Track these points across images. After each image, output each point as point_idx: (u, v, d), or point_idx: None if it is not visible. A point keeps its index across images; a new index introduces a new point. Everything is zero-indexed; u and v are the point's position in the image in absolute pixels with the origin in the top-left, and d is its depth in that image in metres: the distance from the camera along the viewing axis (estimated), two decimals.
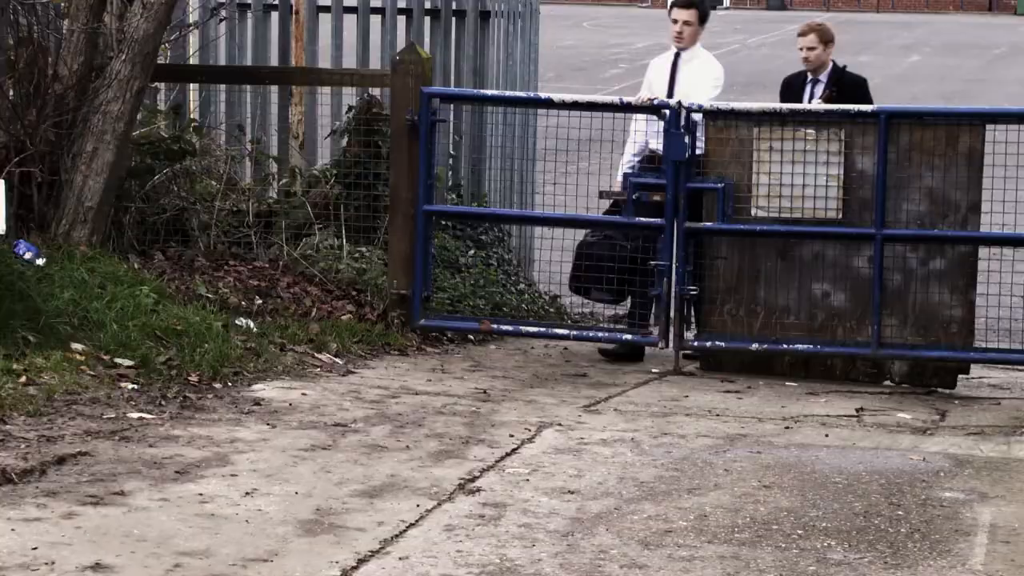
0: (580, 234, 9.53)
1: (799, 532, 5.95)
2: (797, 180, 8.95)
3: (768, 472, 6.76)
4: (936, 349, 8.89)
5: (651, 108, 9.21)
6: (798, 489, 6.52)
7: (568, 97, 9.64)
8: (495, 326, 9.37)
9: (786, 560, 5.64)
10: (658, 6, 53.79)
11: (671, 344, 9.08)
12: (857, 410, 8.20)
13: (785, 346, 8.98)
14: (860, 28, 42.49)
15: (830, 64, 9.98)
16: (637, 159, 9.57)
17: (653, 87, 9.64)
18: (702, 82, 9.56)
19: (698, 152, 9.05)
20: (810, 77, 9.98)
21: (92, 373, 7.56)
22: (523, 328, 9.49)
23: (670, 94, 9.46)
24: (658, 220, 9.04)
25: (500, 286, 10.17)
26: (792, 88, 10.06)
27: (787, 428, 7.68)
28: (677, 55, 9.73)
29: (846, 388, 8.79)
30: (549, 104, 9.61)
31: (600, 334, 9.47)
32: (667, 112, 9.01)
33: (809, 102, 9.67)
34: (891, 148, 8.86)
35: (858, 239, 8.92)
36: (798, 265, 8.99)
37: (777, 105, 9.22)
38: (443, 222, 10.18)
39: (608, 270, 9.31)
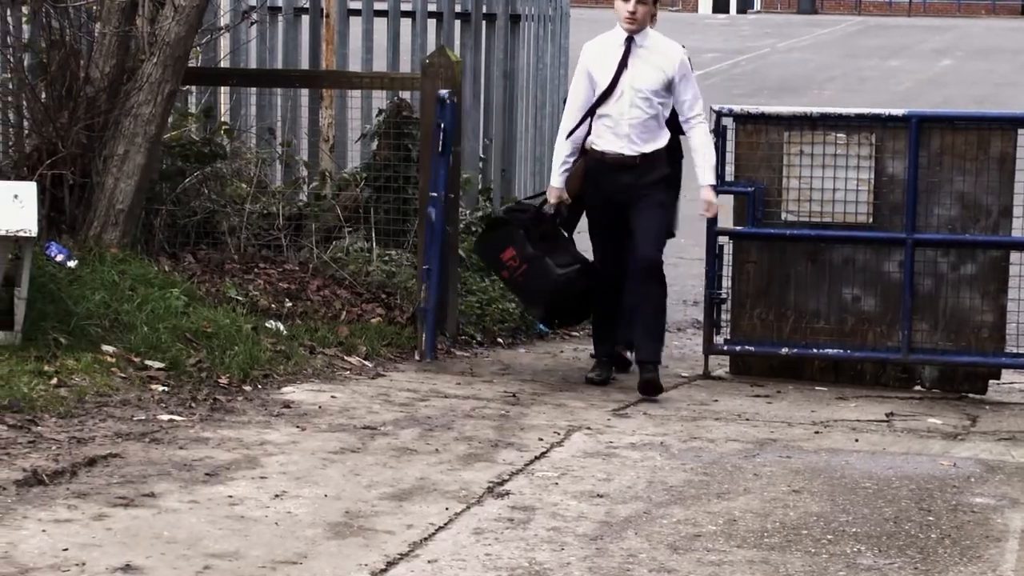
0: None
1: (829, 537, 5.94)
2: (827, 184, 8.93)
3: (798, 477, 6.75)
4: (967, 354, 8.86)
5: None
6: (828, 494, 6.50)
7: None
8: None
9: (816, 565, 5.63)
10: (688, 9, 53.76)
11: (698, 348, 9.06)
12: (887, 415, 8.18)
13: (815, 350, 8.96)
14: (891, 32, 42.38)
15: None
16: (572, 160, 8.57)
17: (595, 78, 8.43)
18: (673, 74, 8.40)
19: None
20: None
21: (123, 375, 7.58)
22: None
23: (613, 86, 8.37)
24: None
25: None
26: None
27: (817, 433, 7.67)
28: (629, 40, 8.45)
29: (876, 393, 8.77)
30: None
31: None
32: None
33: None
34: (922, 152, 8.83)
35: (889, 243, 8.90)
36: (828, 269, 8.98)
37: (808, 109, 9.21)
38: (472, 227, 10.18)
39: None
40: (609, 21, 8.63)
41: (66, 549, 5.43)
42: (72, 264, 8.30)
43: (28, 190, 7.64)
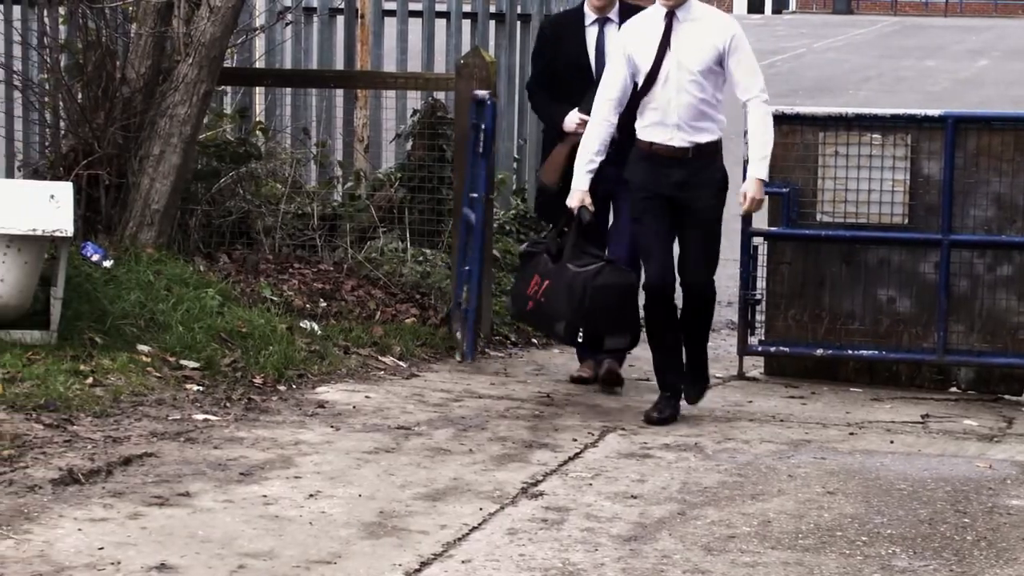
0: None
1: (863, 539, 5.92)
2: (863, 185, 8.91)
3: (832, 478, 6.73)
4: (1003, 356, 8.83)
5: None
6: (862, 495, 6.48)
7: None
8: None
9: (850, 567, 5.61)
10: (723, 9, 53.76)
11: (733, 349, 9.05)
12: (923, 416, 8.15)
13: (850, 352, 8.93)
14: (927, 32, 42.24)
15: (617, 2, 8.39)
16: (600, 157, 7.67)
17: (635, 62, 7.57)
18: (724, 48, 7.54)
19: None
20: (595, 17, 8.35)
21: (158, 375, 7.61)
22: None
23: (657, 69, 7.52)
24: None
25: None
26: (566, 32, 8.39)
27: (852, 434, 7.65)
28: (671, 15, 7.58)
29: (911, 394, 8.74)
30: None
31: None
32: None
33: (600, 42, 8.27)
34: (958, 153, 8.80)
35: (924, 244, 8.86)
36: (863, 270, 8.95)
37: (843, 109, 9.18)
38: (506, 226, 10.18)
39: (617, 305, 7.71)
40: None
41: (102, 548, 5.45)
42: (108, 264, 8.33)
43: (64, 190, 7.68)
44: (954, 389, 8.97)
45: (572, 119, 8.16)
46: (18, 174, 9.44)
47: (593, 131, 7.65)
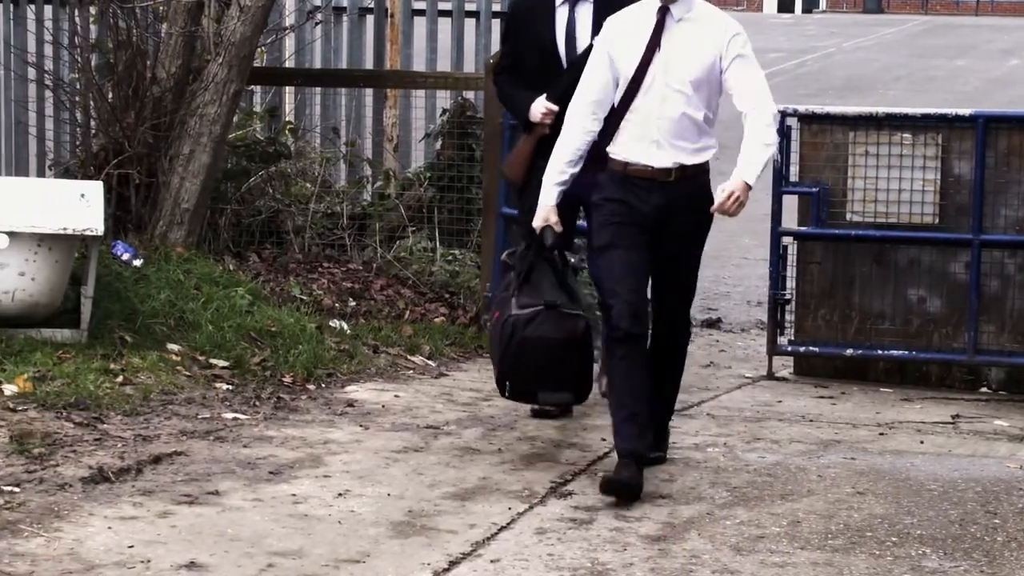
0: None
1: (893, 539, 5.90)
2: (893, 185, 8.88)
3: (862, 478, 6.71)
4: None
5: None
6: (892, 496, 6.46)
7: None
8: None
9: (880, 567, 5.59)
10: (753, 9, 53.54)
11: (762, 349, 9.03)
12: (953, 417, 8.12)
13: (880, 352, 8.90)
14: (958, 32, 42.10)
15: None
16: (574, 170, 6.50)
17: (617, 63, 6.38)
18: (721, 54, 6.38)
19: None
20: None
21: (187, 373, 7.63)
22: None
23: (641, 74, 6.34)
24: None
25: (594, 289, 10.14)
26: (535, 13, 7.44)
27: (881, 434, 7.62)
28: (664, 10, 6.40)
29: (942, 395, 8.70)
30: None
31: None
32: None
33: (572, 23, 7.36)
34: (989, 153, 8.76)
35: (955, 244, 8.83)
36: (893, 270, 8.92)
37: (873, 109, 9.14)
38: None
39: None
40: None
41: (131, 546, 5.46)
42: (138, 263, 8.35)
43: (95, 189, 7.70)
44: (984, 389, 8.94)
45: (537, 107, 7.26)
46: (49, 173, 9.48)
47: (567, 139, 6.45)
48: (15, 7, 9.57)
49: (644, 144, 6.34)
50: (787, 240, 9.04)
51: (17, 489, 5.94)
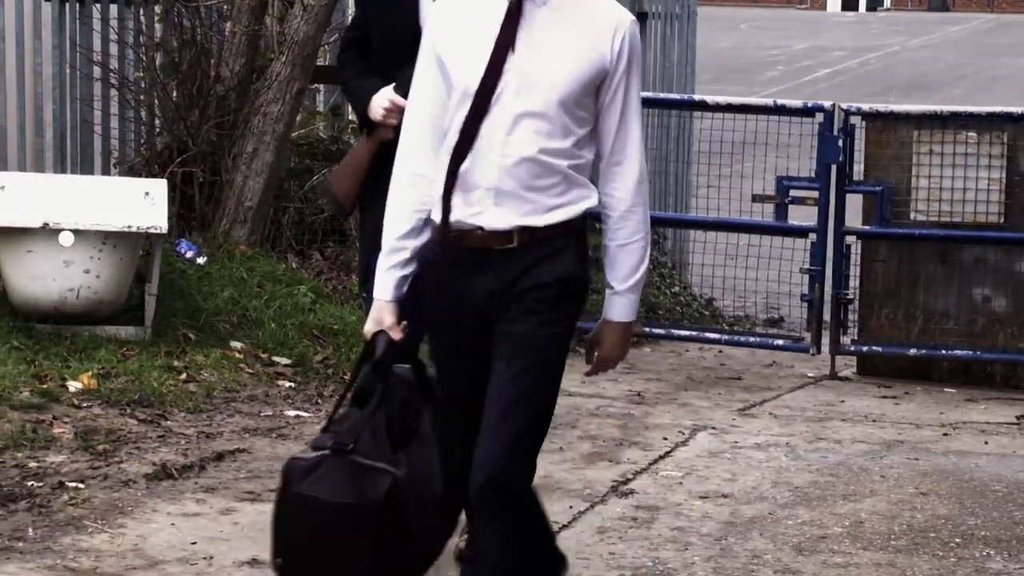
0: (735, 237, 9.40)
1: (957, 540, 5.87)
2: (958, 184, 8.82)
3: (925, 479, 6.68)
4: None
5: (805, 110, 9.06)
6: (956, 497, 6.42)
7: (722, 99, 9.59)
8: (648, 329, 9.34)
9: (943, 568, 5.56)
10: (817, 7, 53.32)
11: (823, 349, 8.99)
12: (1017, 417, 8.06)
13: (944, 352, 8.85)
14: None
15: None
16: (414, 243, 4.26)
17: (449, 67, 4.15)
18: (607, 59, 4.15)
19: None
20: None
21: (250, 371, 7.66)
22: (676, 331, 9.44)
23: (489, 82, 4.09)
24: (810, 224, 8.96)
25: (655, 288, 10.14)
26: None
27: (945, 435, 7.58)
28: None
29: (1006, 395, 8.64)
30: (703, 106, 9.57)
31: (751, 339, 9.41)
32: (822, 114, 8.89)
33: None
34: None
35: (1020, 244, 8.76)
36: (958, 270, 8.86)
37: (938, 107, 9.09)
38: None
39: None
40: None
41: (194, 543, 5.49)
42: (201, 261, 8.40)
43: (159, 188, 7.75)
44: None
45: (379, 101, 5.31)
46: (114, 171, 9.53)
47: (397, 195, 4.24)
48: (80, 7, 9.63)
49: (475, 195, 4.10)
50: (850, 239, 9.00)
51: (82, 485, 5.98)
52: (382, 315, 4.26)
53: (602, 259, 4.22)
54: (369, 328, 4.29)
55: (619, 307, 4.31)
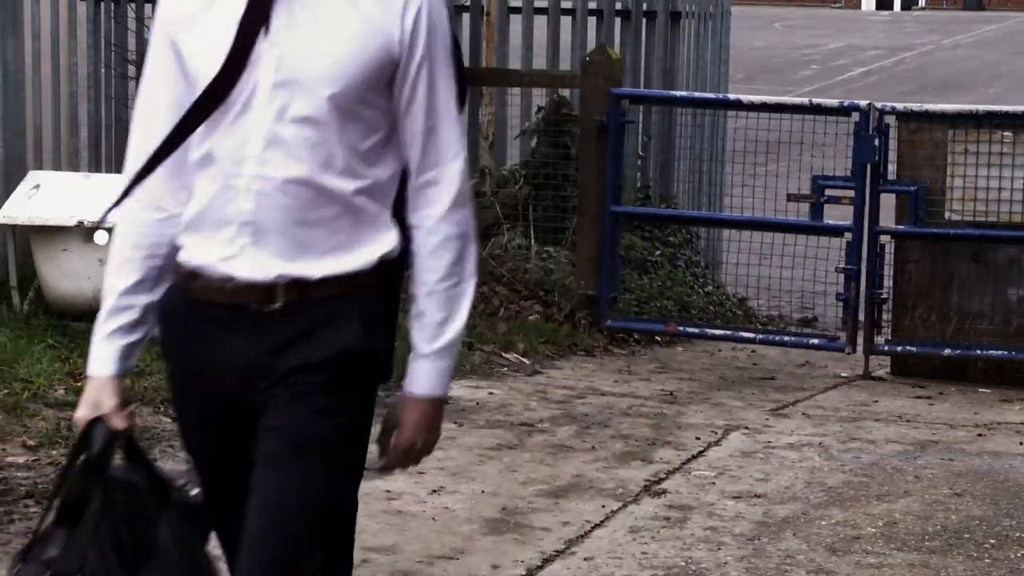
0: (768, 237, 9.39)
1: (991, 542, 5.85)
2: (992, 183, 8.79)
3: (960, 480, 6.65)
4: None
5: (841, 109, 9.04)
6: (991, 498, 6.40)
7: (757, 99, 9.58)
8: (681, 328, 9.34)
9: (978, 570, 5.54)
10: (851, 6, 53.19)
11: (859, 349, 8.97)
12: None
13: (978, 352, 8.82)
14: None
15: None
16: (145, 299, 3.18)
17: (185, 56, 3.09)
18: (396, 39, 3.08)
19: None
20: None
21: None
22: (709, 331, 9.43)
23: (230, 75, 3.02)
24: (846, 223, 8.94)
25: (688, 287, 10.13)
26: None
27: (980, 435, 7.55)
28: None
29: None
30: (738, 105, 9.58)
31: (787, 338, 9.39)
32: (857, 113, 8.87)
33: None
34: None
35: None
36: (993, 270, 8.83)
37: (973, 107, 9.06)
38: (632, 223, 10.16)
39: None
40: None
41: None
42: None
43: None
44: None
45: None
46: None
47: (124, 242, 3.21)
48: (116, 6, 9.68)
49: (224, 232, 3.06)
50: (884, 239, 8.97)
51: None
52: (100, 396, 3.15)
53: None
54: (82, 414, 3.16)
55: (423, 375, 3.16)
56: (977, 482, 6.63)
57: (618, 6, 11.33)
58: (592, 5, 11.38)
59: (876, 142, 8.80)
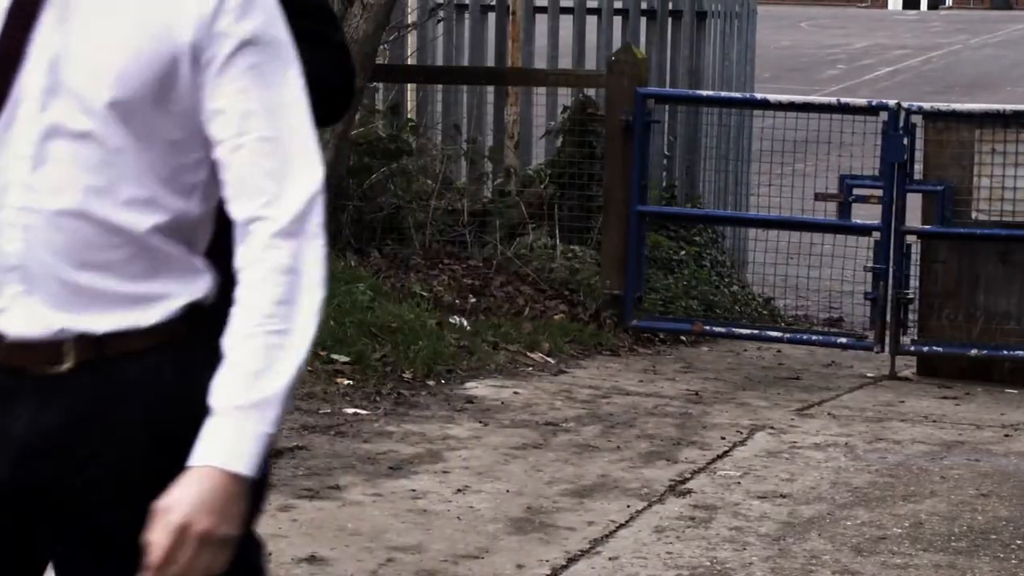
0: (795, 236, 9.37)
1: (1018, 542, 5.82)
2: (1020, 183, 8.75)
3: (986, 480, 6.63)
4: None
5: (869, 108, 9.02)
6: (1018, 498, 6.38)
7: (784, 98, 9.56)
8: (707, 328, 9.33)
9: (1004, 571, 5.52)
10: (878, 6, 53.05)
11: (887, 348, 8.95)
12: None
13: (1005, 352, 8.79)
14: None
15: None
16: None
17: None
18: (188, 34, 2.34)
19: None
20: None
21: (309, 368, 7.69)
22: (735, 330, 9.42)
23: (14, 53, 2.34)
24: (874, 222, 8.92)
25: (713, 287, 10.12)
26: None
27: (1006, 436, 7.52)
28: None
29: None
30: (764, 105, 9.56)
31: (813, 337, 9.37)
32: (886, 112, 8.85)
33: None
34: None
35: None
36: (1020, 270, 8.80)
37: (1001, 106, 9.03)
38: (657, 223, 10.16)
39: None
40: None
41: None
42: None
43: None
44: None
45: None
46: None
47: None
48: None
49: None
50: (911, 239, 8.95)
51: None
52: None
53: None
54: None
55: (221, 438, 2.37)
56: (1003, 483, 6.60)
57: (644, 5, 11.32)
58: (618, 5, 11.38)
59: (904, 141, 8.77)
